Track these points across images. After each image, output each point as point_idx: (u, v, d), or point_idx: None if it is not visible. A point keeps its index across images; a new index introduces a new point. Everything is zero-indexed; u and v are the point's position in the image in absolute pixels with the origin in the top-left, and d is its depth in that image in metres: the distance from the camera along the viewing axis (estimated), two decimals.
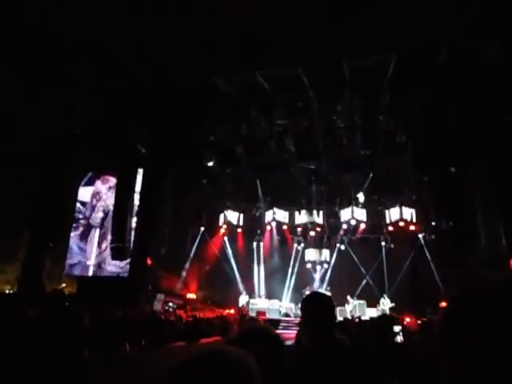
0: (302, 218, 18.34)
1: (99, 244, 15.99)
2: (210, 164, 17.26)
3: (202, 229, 18.33)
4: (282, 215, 18.49)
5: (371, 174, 17.14)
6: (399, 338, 2.31)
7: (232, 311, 16.64)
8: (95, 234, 16.28)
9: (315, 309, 1.90)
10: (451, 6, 9.48)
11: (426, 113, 13.87)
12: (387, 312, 14.48)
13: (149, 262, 14.27)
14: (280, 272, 18.36)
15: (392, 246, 17.42)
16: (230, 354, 0.85)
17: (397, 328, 2.37)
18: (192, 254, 17.62)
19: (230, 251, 18.73)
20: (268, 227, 18.69)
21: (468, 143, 14.35)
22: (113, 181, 16.11)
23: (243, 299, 16.90)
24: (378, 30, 9.99)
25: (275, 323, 13.83)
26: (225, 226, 18.64)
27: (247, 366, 0.84)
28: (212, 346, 0.96)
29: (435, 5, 9.45)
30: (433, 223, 16.47)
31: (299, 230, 18.54)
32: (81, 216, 16.80)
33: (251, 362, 0.85)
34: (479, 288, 0.93)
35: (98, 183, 16.88)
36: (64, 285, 15.96)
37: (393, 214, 17.20)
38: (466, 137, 14.18)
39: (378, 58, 11.78)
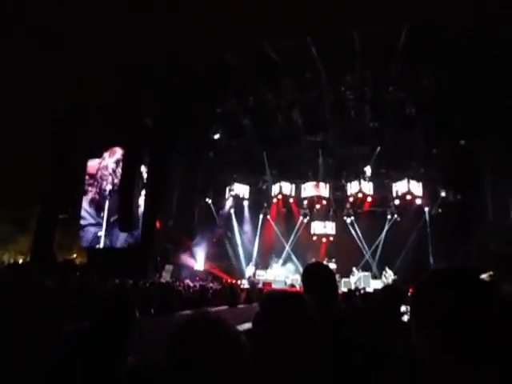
0: (308, 191, 18.35)
1: (108, 216, 16.24)
2: (217, 137, 17.17)
3: (209, 201, 18.46)
4: (288, 188, 18.51)
5: (379, 147, 16.93)
6: (406, 318, 2.32)
7: (239, 282, 17.03)
8: (104, 206, 16.51)
9: (315, 279, 1.95)
10: None
11: (438, 84, 13.52)
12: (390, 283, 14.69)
13: (157, 225, 14.46)
14: (286, 244, 18.57)
15: (398, 219, 17.43)
16: (225, 323, 0.89)
17: (403, 307, 2.37)
18: (199, 227, 17.85)
19: (236, 223, 18.93)
20: (274, 200, 18.77)
21: (480, 116, 14.05)
22: (120, 153, 16.16)
23: (250, 270, 17.23)
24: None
25: None
26: (231, 199, 18.76)
27: (240, 336, 0.89)
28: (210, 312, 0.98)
29: None
30: (441, 196, 16.37)
31: (306, 202, 18.59)
32: (90, 188, 16.99)
33: (242, 335, 0.90)
34: (447, 268, 0.97)
35: (106, 156, 16.94)
36: (75, 255, 16.38)
37: (400, 187, 17.10)
38: (478, 110, 13.86)
39: (390, 28, 11.40)
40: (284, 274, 17.14)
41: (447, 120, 15.01)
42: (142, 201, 15.26)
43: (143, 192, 15.32)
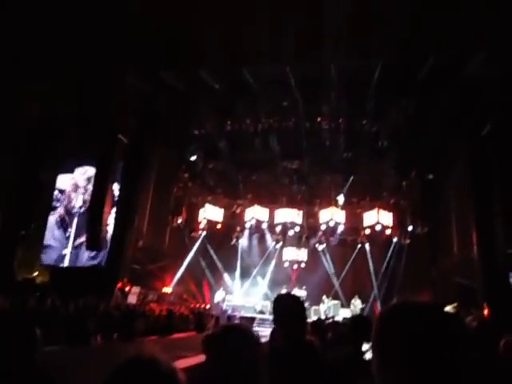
0: (282, 216, 18.44)
1: (76, 234, 15.68)
2: (193, 158, 17.13)
3: (182, 223, 18.18)
4: (262, 213, 18.55)
5: (352, 177, 17.38)
6: (368, 356, 2.27)
7: (208, 307, 16.67)
8: (72, 223, 15.95)
9: (285, 311, 1.94)
10: (436, 19, 9.73)
11: (408, 120, 14.16)
12: (358, 312, 14.77)
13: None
14: (257, 270, 18.44)
15: (368, 248, 17.74)
16: (160, 364, 0.89)
17: (366, 346, 2.30)
18: (170, 248, 17.48)
19: (208, 247, 18.67)
20: (248, 224, 18.72)
21: (446, 152, 14.77)
22: (92, 170, 15.80)
23: (219, 295, 16.91)
24: (363, 37, 10.14)
25: (250, 320, 13.94)
26: (204, 221, 18.56)
27: (174, 375, 0.88)
28: (145, 351, 0.97)
29: (420, 18, 9.69)
30: (409, 228, 16.84)
31: (278, 228, 18.64)
32: (58, 204, 16.41)
33: (179, 376, 0.89)
34: (404, 302, 0.97)
35: (78, 171, 16.51)
36: (36, 274, 15.60)
37: (370, 217, 17.49)
38: (445, 146, 14.58)
39: (365, 63, 11.95)
40: (253, 300, 16.93)
41: (416, 154, 15.67)
42: (112, 219, 14.85)
43: (114, 210, 14.93)
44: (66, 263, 15.32)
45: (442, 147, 14.77)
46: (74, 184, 16.35)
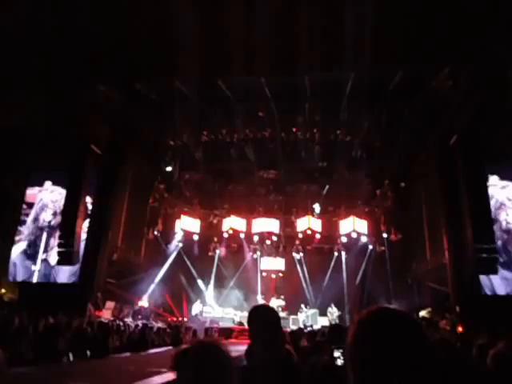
0: (258, 226, 18.45)
1: (46, 248, 15.12)
2: (169, 169, 16.96)
3: (158, 235, 17.88)
4: (239, 223, 18.50)
5: (327, 186, 17.64)
6: (340, 362, 2.30)
7: (185, 319, 16.38)
8: (42, 237, 15.38)
9: (260, 324, 1.93)
10: (405, 34, 10.12)
11: (380, 130, 14.55)
12: (336, 320, 14.90)
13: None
14: (235, 280, 18.30)
15: (345, 256, 17.96)
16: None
17: (337, 352, 2.32)
18: (146, 261, 17.13)
19: (185, 258, 18.41)
20: (225, 235, 18.61)
21: (417, 160, 15.24)
22: (64, 181, 15.35)
23: (197, 307, 16.66)
24: (336, 50, 10.40)
25: (228, 332, 13.78)
26: (181, 233, 18.33)
27: None
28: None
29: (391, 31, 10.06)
30: (384, 235, 17.18)
31: (256, 238, 18.62)
32: (27, 218, 15.81)
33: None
34: (380, 310, 0.99)
35: (48, 183, 16.00)
36: (3, 290, 14.93)
37: (346, 225, 17.75)
38: (416, 154, 15.06)
39: (338, 75, 12.23)
40: (232, 312, 16.76)
41: (389, 163, 16.09)
42: (84, 233, 14.43)
43: (87, 223, 14.52)
44: (34, 279, 14.72)
45: (413, 156, 15.24)
46: (44, 196, 15.82)
